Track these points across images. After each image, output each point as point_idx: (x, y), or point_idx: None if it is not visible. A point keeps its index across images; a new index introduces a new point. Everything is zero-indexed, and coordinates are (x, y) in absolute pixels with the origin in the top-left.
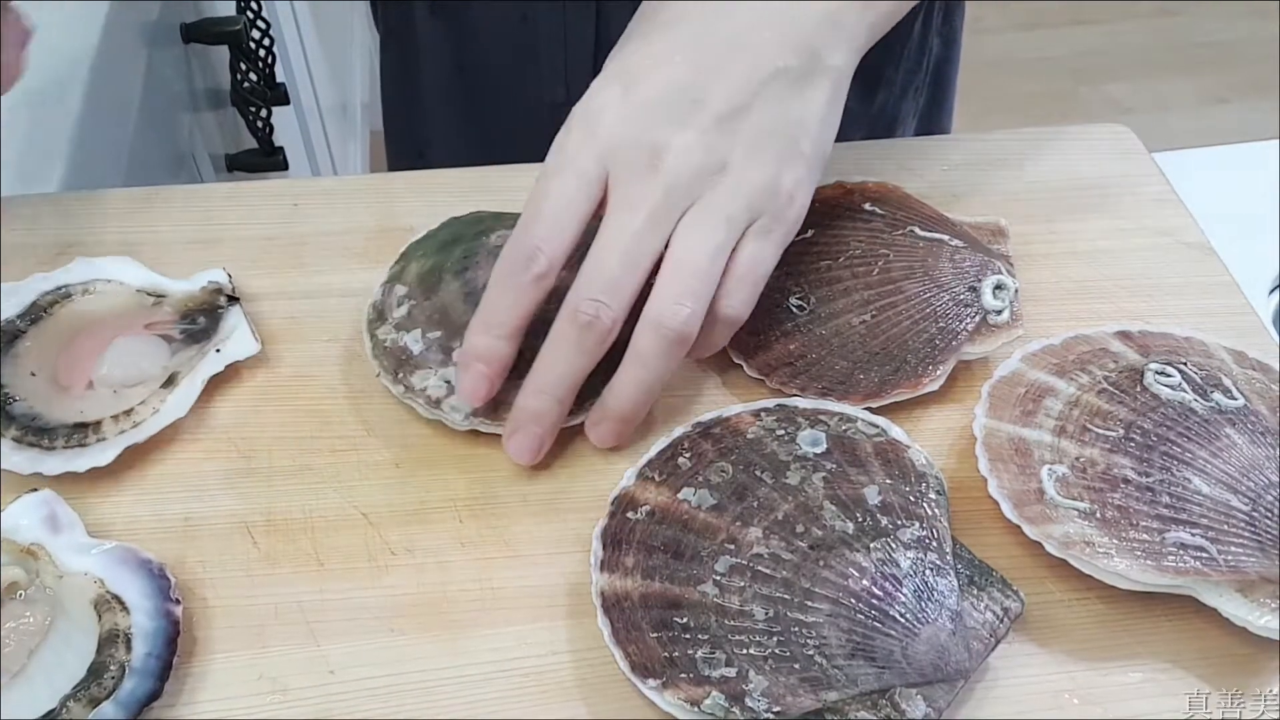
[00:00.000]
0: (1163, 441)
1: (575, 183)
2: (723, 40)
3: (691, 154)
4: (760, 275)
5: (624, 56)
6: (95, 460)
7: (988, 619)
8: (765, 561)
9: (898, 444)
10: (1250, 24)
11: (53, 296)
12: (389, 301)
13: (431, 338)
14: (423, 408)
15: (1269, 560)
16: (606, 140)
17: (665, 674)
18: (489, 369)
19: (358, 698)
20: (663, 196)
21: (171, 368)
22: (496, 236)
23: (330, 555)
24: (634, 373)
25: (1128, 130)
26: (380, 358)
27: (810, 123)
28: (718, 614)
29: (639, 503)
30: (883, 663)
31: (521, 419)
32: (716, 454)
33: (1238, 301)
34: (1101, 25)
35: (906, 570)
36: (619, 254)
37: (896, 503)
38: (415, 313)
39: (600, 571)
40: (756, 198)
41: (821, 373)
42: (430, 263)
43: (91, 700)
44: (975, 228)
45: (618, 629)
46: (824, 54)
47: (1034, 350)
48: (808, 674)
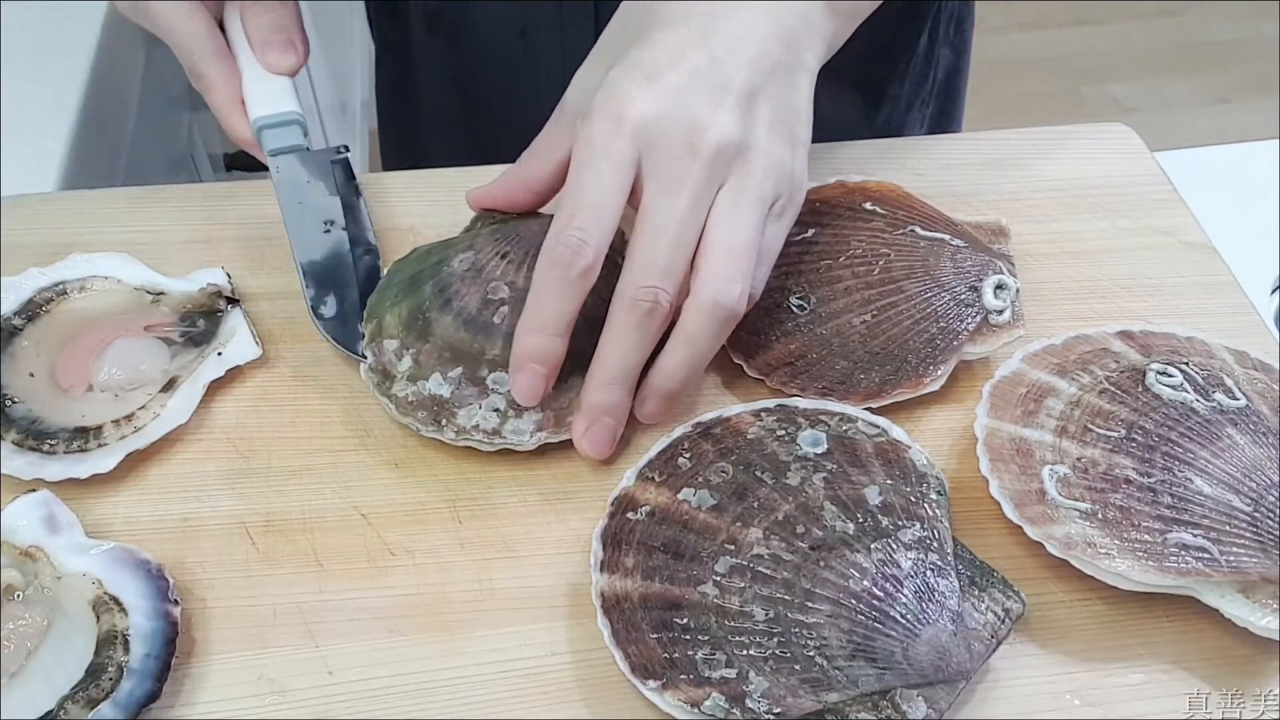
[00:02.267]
0: (1164, 442)
1: (610, 171)
2: (729, 35)
3: (729, 131)
4: (776, 256)
5: (634, 55)
6: (97, 467)
7: (989, 620)
8: (765, 562)
9: (898, 444)
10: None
11: (49, 293)
12: (386, 359)
13: (455, 376)
14: (482, 443)
15: (1270, 561)
16: (638, 123)
17: (665, 675)
18: (545, 368)
19: (357, 699)
20: (704, 176)
21: (171, 371)
22: (459, 261)
23: (329, 556)
24: (684, 353)
25: (1129, 130)
26: (411, 414)
27: (803, 112)
28: (718, 615)
29: (639, 503)
30: (883, 664)
31: (594, 413)
32: (717, 454)
33: (1239, 301)
34: (1104, 25)
35: (907, 571)
36: (669, 239)
37: (897, 503)
38: (422, 359)
39: (600, 572)
40: (780, 179)
41: (822, 373)
42: (406, 308)
43: (90, 701)
44: (976, 227)
45: (618, 630)
46: (802, 51)
47: (1035, 350)
48: (808, 675)
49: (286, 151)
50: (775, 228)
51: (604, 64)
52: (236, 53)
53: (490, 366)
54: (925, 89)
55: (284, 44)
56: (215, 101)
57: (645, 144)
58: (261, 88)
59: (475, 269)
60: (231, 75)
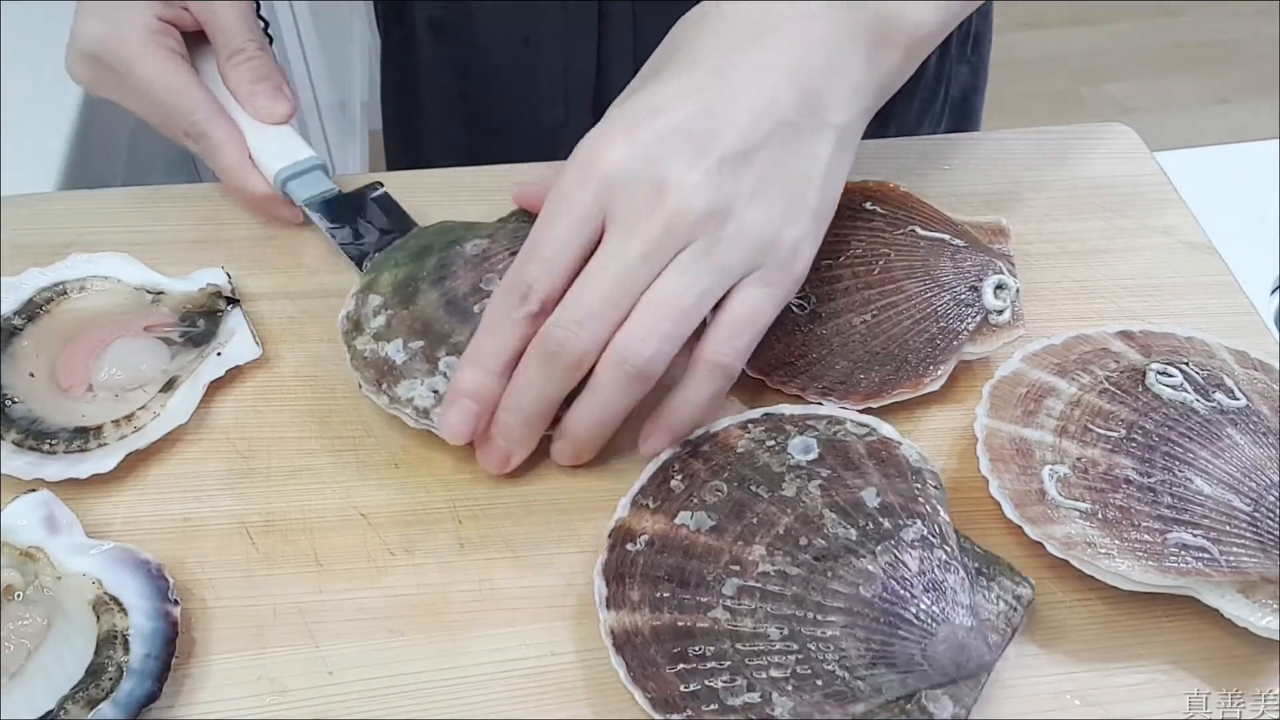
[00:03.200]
0: (1164, 442)
1: (567, 226)
2: (736, 84)
3: (698, 194)
4: (759, 326)
5: (638, 96)
6: (97, 467)
7: (1001, 609)
8: (773, 579)
9: (889, 441)
10: (1252, 24)
11: (49, 293)
12: (364, 312)
13: (414, 347)
14: (410, 418)
15: (1270, 561)
16: (605, 177)
17: (688, 708)
18: (477, 406)
19: (357, 699)
20: (661, 233)
21: (171, 371)
22: (471, 245)
23: (329, 556)
24: (589, 401)
25: (1129, 130)
26: (361, 369)
27: (814, 177)
28: (732, 639)
29: (636, 533)
30: (904, 667)
31: (492, 431)
32: (709, 472)
33: (1239, 301)
34: (1103, 25)
35: (915, 571)
36: (605, 285)
37: (896, 502)
38: (394, 323)
39: (606, 609)
40: (756, 249)
41: (822, 372)
42: (404, 272)
43: (89, 701)
44: (976, 227)
45: (633, 667)
46: (828, 106)
47: (1035, 350)
48: (831, 689)
49: (320, 199)
50: (756, 295)
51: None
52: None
53: (450, 350)
54: (935, 106)
55: (273, 91)
56: (225, 161)
57: (609, 197)
58: (269, 140)
59: (482, 256)
60: (236, 132)
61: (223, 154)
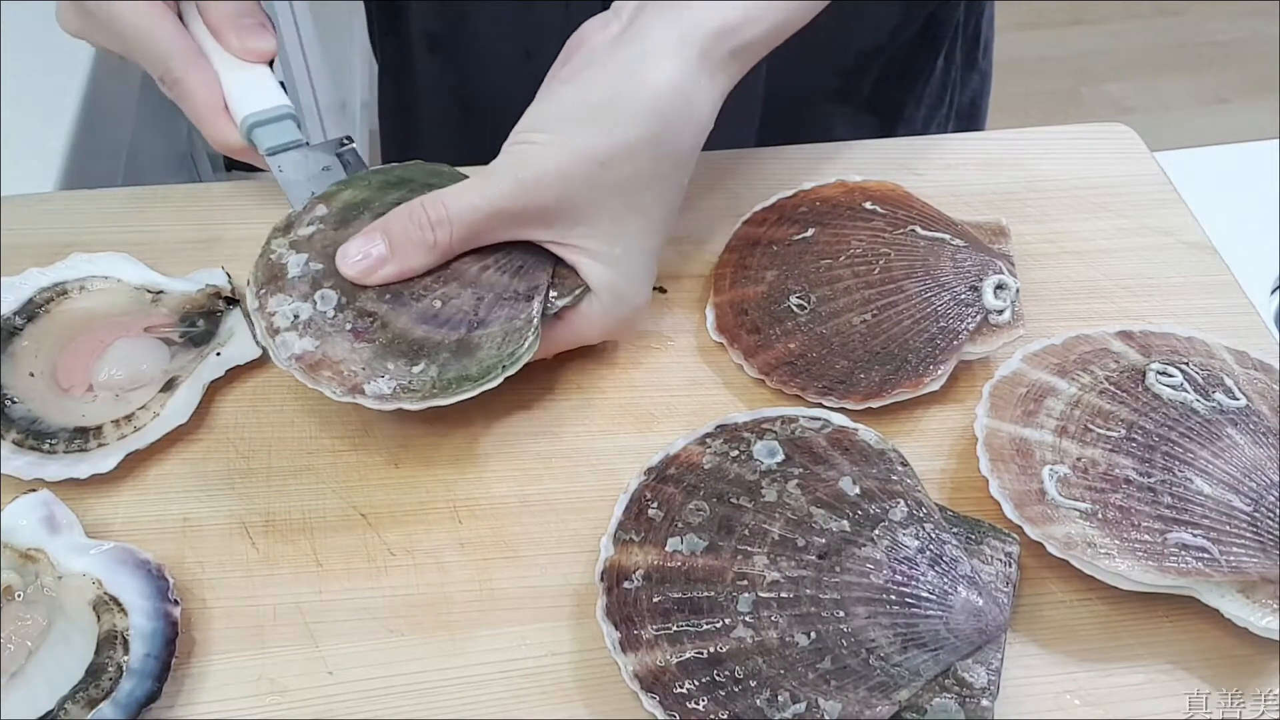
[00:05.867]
0: (1164, 442)
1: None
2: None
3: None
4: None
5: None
6: (97, 467)
7: (998, 568)
8: (784, 586)
9: (846, 429)
10: (1251, 24)
11: (49, 293)
12: (305, 216)
13: (312, 268)
14: (261, 333)
15: (1270, 561)
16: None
17: None
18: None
19: (357, 699)
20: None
21: (171, 371)
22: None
23: (329, 556)
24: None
25: (1129, 130)
26: (256, 269)
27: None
28: (762, 654)
29: (629, 569)
30: (934, 645)
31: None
32: (684, 494)
33: (1239, 301)
34: (1102, 25)
35: (916, 548)
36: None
37: (874, 487)
38: (316, 238)
39: (623, 653)
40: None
41: (822, 372)
42: (362, 196)
43: (90, 701)
44: (976, 227)
45: (670, 705)
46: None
47: (1035, 350)
48: (872, 682)
49: (284, 149)
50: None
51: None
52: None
53: (335, 282)
54: (941, 112)
55: (255, 26)
56: (195, 107)
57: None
58: (244, 85)
59: None
60: (210, 78)
61: (193, 100)
